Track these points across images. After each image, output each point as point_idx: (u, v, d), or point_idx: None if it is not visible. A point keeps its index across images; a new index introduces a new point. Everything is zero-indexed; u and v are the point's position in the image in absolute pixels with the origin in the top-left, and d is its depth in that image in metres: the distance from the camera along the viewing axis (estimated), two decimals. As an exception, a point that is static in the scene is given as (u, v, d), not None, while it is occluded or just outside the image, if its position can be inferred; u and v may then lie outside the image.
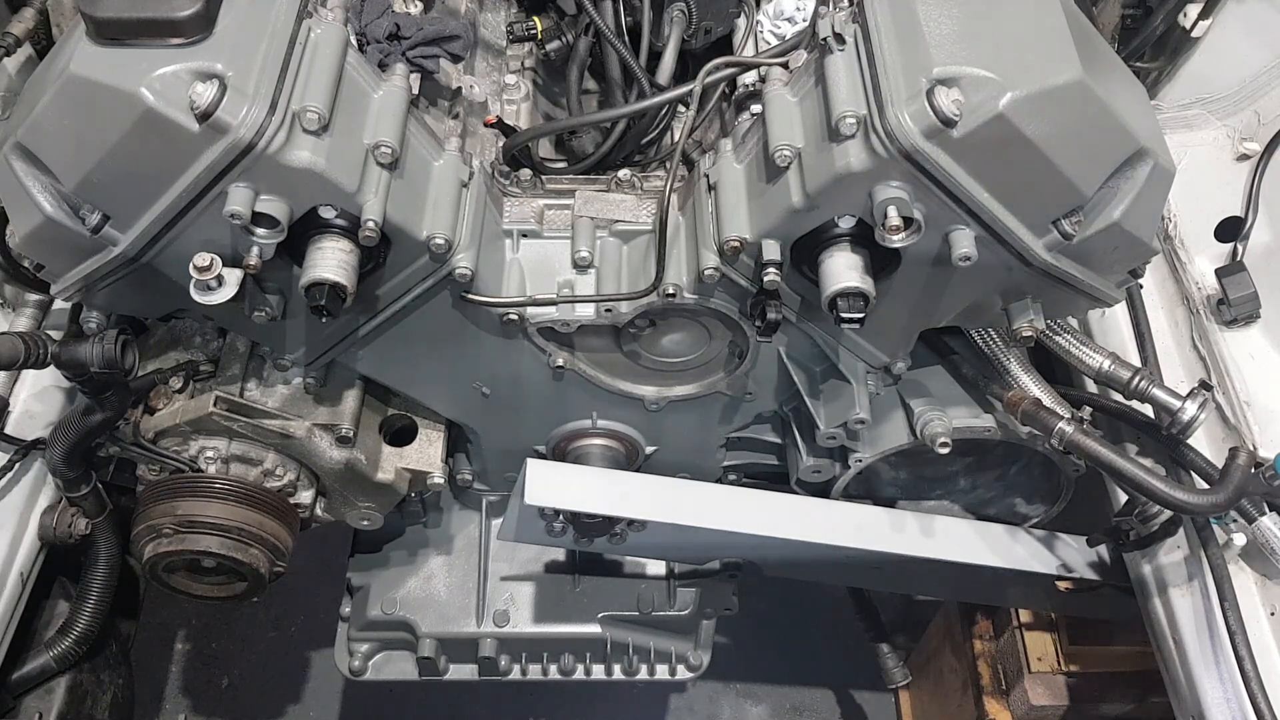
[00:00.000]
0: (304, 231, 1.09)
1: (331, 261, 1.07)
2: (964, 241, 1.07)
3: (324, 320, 1.09)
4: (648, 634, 1.74)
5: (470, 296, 1.21)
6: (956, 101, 0.98)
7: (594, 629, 1.68)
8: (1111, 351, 1.40)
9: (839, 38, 1.10)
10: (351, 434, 1.35)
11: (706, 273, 1.17)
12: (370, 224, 1.06)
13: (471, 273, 1.17)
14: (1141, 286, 1.58)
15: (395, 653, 1.72)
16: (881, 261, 1.12)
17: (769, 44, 1.42)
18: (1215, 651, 1.29)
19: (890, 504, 1.55)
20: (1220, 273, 1.51)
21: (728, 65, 1.27)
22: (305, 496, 1.40)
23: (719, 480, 1.60)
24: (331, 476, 1.38)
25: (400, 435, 1.47)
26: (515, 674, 1.71)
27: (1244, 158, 1.67)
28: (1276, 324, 1.48)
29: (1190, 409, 1.34)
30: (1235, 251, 1.53)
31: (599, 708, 2.32)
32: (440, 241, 1.14)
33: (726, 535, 1.47)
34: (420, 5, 1.40)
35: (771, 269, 1.12)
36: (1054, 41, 1.03)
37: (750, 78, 1.40)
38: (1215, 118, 1.73)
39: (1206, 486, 1.29)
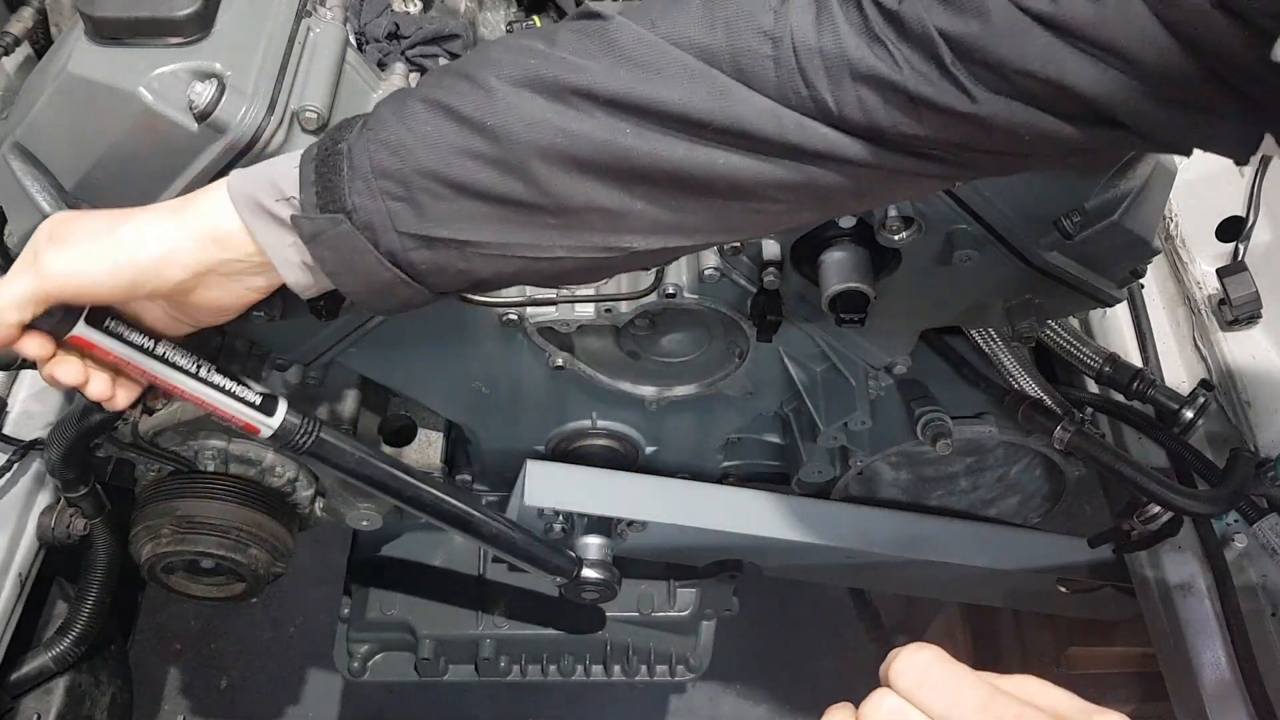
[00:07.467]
0: (303, 231, 1.08)
1: (330, 261, 1.07)
2: (965, 240, 1.06)
3: (323, 320, 1.09)
4: (648, 635, 1.74)
5: (470, 296, 1.20)
6: (957, 100, 0.97)
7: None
8: (1112, 351, 1.40)
9: (839, 37, 1.10)
10: (351, 434, 1.34)
11: (706, 272, 1.16)
12: (369, 223, 1.05)
13: (471, 272, 1.16)
14: (1143, 286, 1.57)
15: (394, 654, 1.72)
16: (882, 261, 1.12)
17: (769, 43, 1.42)
18: (1217, 652, 1.29)
19: (891, 505, 1.55)
20: (1221, 272, 1.51)
21: (728, 64, 1.26)
22: (304, 496, 1.40)
23: (719, 481, 1.60)
24: (331, 476, 1.38)
25: (400, 435, 1.47)
26: (515, 675, 1.70)
27: (1245, 157, 1.67)
28: (1278, 324, 1.48)
29: (1191, 410, 1.33)
30: (1236, 251, 1.53)
31: (599, 708, 2.32)
32: (440, 241, 1.13)
33: (726, 535, 1.47)
34: (419, 5, 1.40)
35: (771, 269, 1.12)
36: (1055, 40, 1.02)
37: (750, 77, 1.39)
38: (1216, 117, 1.72)
39: (1208, 487, 1.29)
